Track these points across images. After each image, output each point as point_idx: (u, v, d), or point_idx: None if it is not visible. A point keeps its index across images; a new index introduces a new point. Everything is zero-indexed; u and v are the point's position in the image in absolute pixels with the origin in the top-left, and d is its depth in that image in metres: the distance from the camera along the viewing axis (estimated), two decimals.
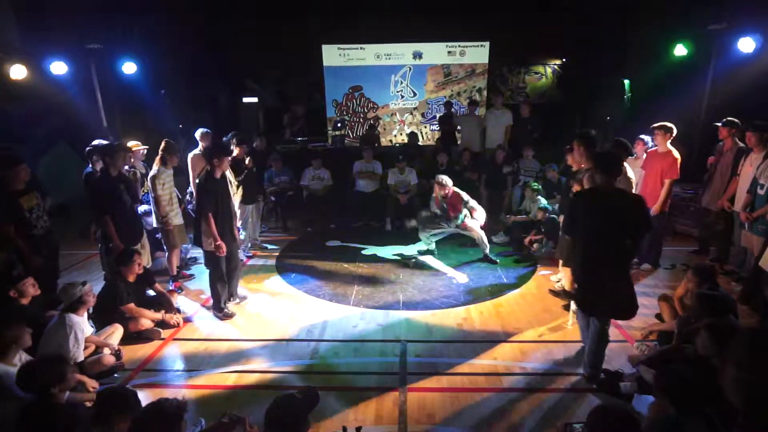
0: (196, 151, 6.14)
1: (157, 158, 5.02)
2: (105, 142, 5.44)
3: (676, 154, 5.09)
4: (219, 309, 4.59)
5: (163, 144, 5.06)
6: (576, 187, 4.28)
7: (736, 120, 5.21)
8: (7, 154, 4.14)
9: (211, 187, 4.34)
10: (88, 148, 5.14)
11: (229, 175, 5.88)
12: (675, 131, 5.10)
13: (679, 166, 5.08)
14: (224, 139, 6.58)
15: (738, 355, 1.34)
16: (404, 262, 5.99)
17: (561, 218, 4.93)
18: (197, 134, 6.11)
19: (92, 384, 3.33)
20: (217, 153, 4.45)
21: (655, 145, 5.31)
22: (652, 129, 5.23)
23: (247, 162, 5.93)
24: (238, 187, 5.81)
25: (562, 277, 5.05)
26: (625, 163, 4.53)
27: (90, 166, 5.19)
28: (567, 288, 4.86)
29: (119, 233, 4.55)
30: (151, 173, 4.96)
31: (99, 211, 4.53)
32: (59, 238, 4.72)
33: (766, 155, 4.58)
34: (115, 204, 4.55)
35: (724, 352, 1.43)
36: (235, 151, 5.87)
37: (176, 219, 5.14)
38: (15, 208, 4.05)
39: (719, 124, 5.34)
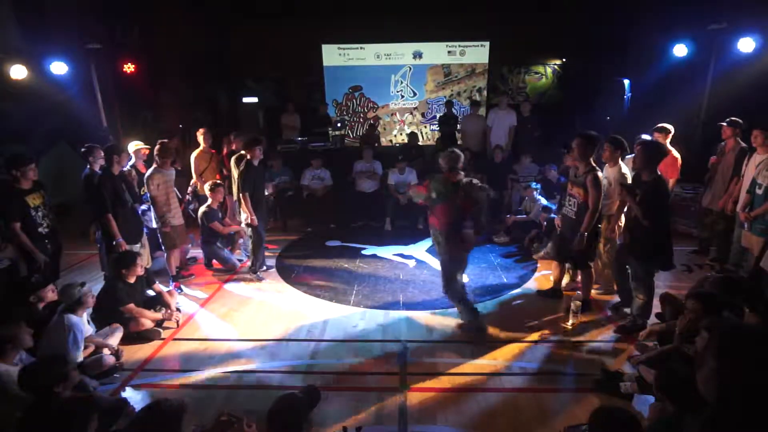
0: (199, 150, 6.17)
1: (154, 159, 5.04)
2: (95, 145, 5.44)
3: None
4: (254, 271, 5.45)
5: (157, 145, 5.07)
6: (578, 191, 4.28)
7: (739, 120, 5.20)
8: (18, 154, 4.31)
9: (252, 172, 5.17)
10: (83, 150, 5.12)
11: (233, 168, 5.93)
12: (672, 131, 5.09)
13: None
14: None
15: (719, 347, 1.35)
16: (404, 262, 5.99)
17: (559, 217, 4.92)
18: (198, 133, 6.14)
19: (92, 384, 3.33)
20: (250, 144, 5.17)
21: None
22: (652, 132, 5.23)
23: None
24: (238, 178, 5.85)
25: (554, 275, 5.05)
26: (620, 161, 4.54)
27: (88, 167, 5.18)
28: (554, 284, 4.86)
29: (120, 232, 4.59)
30: (147, 174, 4.98)
31: (101, 209, 4.57)
32: (61, 237, 4.74)
33: None
34: (116, 203, 4.59)
35: (707, 344, 1.44)
36: (235, 146, 5.93)
37: (174, 220, 5.14)
38: (22, 206, 4.19)
39: (724, 124, 5.31)
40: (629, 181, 4.43)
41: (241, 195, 5.12)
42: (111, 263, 4.50)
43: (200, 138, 6.13)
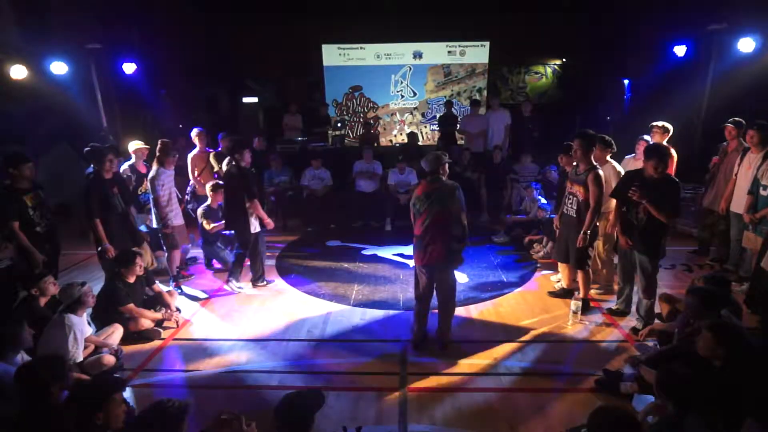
0: (195, 151, 6.18)
1: (155, 159, 5.03)
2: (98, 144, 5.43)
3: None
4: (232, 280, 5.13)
5: (159, 145, 5.06)
6: (579, 189, 4.25)
7: (743, 120, 5.18)
8: (15, 153, 4.30)
9: (248, 175, 4.89)
10: (86, 149, 5.13)
11: (214, 165, 5.99)
12: (671, 130, 5.08)
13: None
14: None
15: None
16: (404, 262, 5.98)
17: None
18: (192, 134, 6.15)
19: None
20: (236, 148, 4.91)
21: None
22: (651, 126, 5.18)
23: None
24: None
25: (561, 277, 5.05)
26: (608, 158, 4.53)
27: (91, 167, 5.18)
28: (566, 286, 4.86)
29: (111, 237, 4.54)
30: (150, 174, 4.96)
31: (88, 214, 4.51)
32: (60, 237, 4.74)
33: (765, 155, 4.57)
34: (104, 208, 4.52)
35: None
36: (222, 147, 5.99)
37: (175, 219, 5.14)
38: (20, 205, 4.18)
39: (729, 125, 5.25)
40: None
41: (247, 202, 4.83)
42: (109, 263, 4.49)
43: (195, 139, 6.14)
